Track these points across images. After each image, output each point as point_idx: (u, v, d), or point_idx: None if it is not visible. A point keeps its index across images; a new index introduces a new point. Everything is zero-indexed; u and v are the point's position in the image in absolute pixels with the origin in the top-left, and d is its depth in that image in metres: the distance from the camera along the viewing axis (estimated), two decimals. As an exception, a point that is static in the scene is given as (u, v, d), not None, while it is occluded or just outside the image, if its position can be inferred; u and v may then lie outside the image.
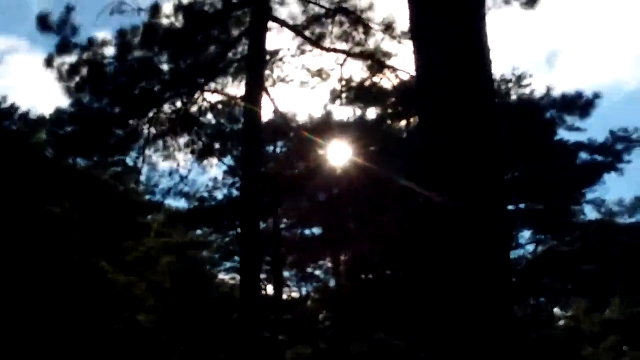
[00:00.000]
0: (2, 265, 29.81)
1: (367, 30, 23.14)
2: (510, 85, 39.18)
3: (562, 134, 39.68)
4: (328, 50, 23.84)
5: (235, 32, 23.33)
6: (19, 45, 74.85)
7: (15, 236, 30.90)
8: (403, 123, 35.74)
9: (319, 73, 25.50)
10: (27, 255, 30.73)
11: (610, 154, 40.62)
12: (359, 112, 35.57)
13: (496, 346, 7.78)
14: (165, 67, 23.71)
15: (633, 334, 41.59)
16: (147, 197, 41.27)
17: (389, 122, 36.39)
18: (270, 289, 41.59)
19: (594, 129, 60.23)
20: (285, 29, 23.29)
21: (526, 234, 42.33)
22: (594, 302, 44.13)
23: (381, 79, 26.01)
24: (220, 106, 26.81)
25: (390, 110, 35.28)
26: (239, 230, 33.38)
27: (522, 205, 39.69)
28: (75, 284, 31.35)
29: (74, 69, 22.91)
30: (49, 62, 22.84)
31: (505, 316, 7.97)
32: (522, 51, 68.52)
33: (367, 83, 27.86)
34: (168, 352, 38.12)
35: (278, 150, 39.86)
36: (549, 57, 76.77)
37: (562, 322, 47.87)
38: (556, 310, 48.49)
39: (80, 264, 32.15)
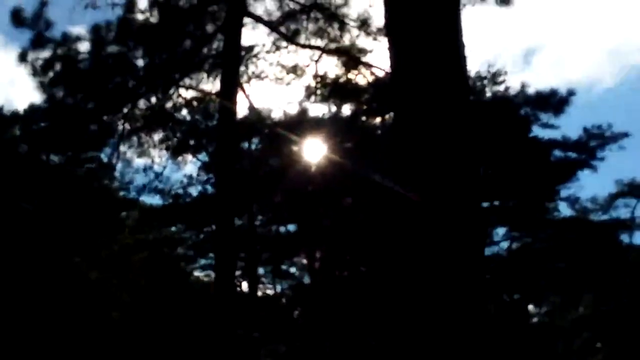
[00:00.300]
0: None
1: (342, 27, 23.18)
2: (485, 82, 39.33)
3: (536, 131, 39.88)
4: (303, 46, 23.87)
5: (210, 28, 23.30)
6: None
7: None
8: (378, 119, 35.83)
9: (294, 69, 25.57)
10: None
11: (584, 151, 40.85)
12: (333, 109, 35.61)
13: (469, 343, 7.83)
14: (139, 63, 23.68)
15: (606, 331, 41.93)
16: (121, 193, 41.20)
17: (364, 118, 36.47)
18: (244, 286, 41.56)
19: (570, 126, 60.47)
20: (261, 25, 23.31)
21: (500, 231, 42.50)
22: (567, 299, 44.42)
23: (356, 75, 26.16)
24: (195, 102, 26.84)
25: (365, 107, 35.36)
26: (214, 226, 33.33)
27: (496, 202, 39.83)
28: (49, 281, 31.25)
29: (47, 64, 22.82)
30: (22, 57, 22.75)
31: (478, 313, 8.02)
32: (499, 49, 68.93)
33: (342, 79, 28.03)
34: (142, 348, 38.04)
35: (253, 146, 39.82)
36: (526, 55, 77.19)
37: (535, 319, 48.16)
38: (530, 307, 48.76)
39: (54, 260, 32.04)
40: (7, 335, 29.77)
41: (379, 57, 24.02)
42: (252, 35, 24.22)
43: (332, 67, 26.23)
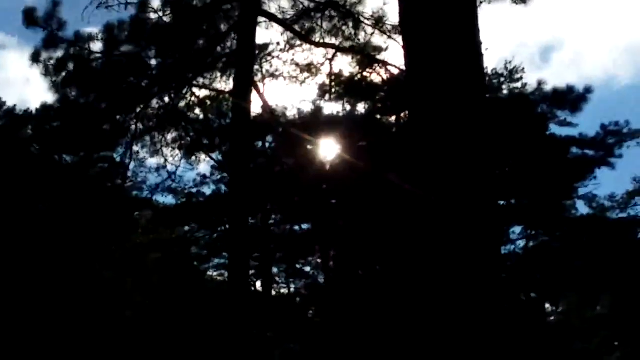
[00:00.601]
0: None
1: (357, 25, 23.17)
2: (502, 79, 39.29)
3: (553, 129, 39.78)
4: (317, 44, 23.89)
5: (224, 27, 23.33)
6: (8, 42, 75.48)
7: (1, 233, 30.89)
8: (393, 118, 35.78)
9: (308, 67, 25.62)
10: (13, 252, 30.71)
11: (602, 148, 40.71)
12: (348, 107, 35.59)
13: (486, 342, 7.83)
14: (152, 62, 23.71)
15: (624, 330, 41.79)
16: (135, 193, 41.30)
17: (379, 116, 36.43)
18: (258, 285, 41.62)
19: (588, 123, 60.32)
20: (275, 24, 23.30)
21: (517, 230, 42.43)
22: (585, 298, 44.29)
23: (371, 73, 26.16)
24: (208, 101, 26.84)
25: (379, 105, 35.32)
26: (228, 226, 33.35)
27: (512, 200, 39.74)
28: (63, 281, 31.34)
29: (60, 64, 22.86)
30: (35, 57, 22.79)
31: (495, 312, 8.03)
32: (517, 46, 68.84)
33: (357, 77, 27.97)
34: (155, 347, 38.13)
35: (267, 145, 39.89)
36: (543, 52, 77.01)
37: (553, 318, 48.05)
38: (547, 305, 48.67)
39: (68, 260, 32.13)
40: (19, 335, 29.89)
41: (394, 55, 24.06)
42: (266, 33, 24.36)
43: (346, 65, 26.30)
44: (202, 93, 25.85)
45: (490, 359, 7.83)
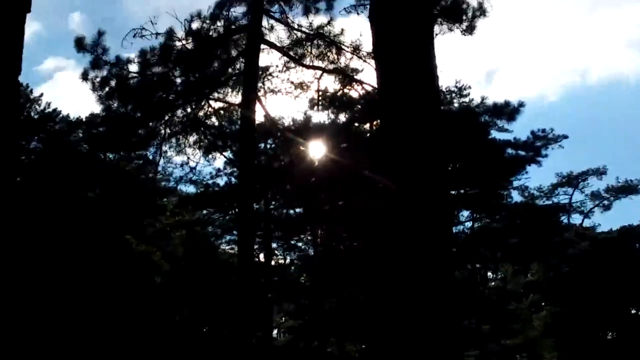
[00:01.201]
0: (47, 241, 29.67)
1: (339, 51, 23.09)
2: (453, 95, 39.45)
3: (494, 134, 40.03)
4: (308, 66, 23.78)
5: (234, 52, 23.24)
6: (67, 64, 77.46)
7: (57, 217, 30.81)
8: (367, 126, 35.73)
9: (301, 85, 25.49)
10: (67, 231, 30.66)
11: (531, 149, 41.01)
12: (332, 117, 35.53)
13: (439, 302, 7.87)
14: (177, 80, 23.60)
15: (550, 293, 42.00)
16: (163, 183, 41.32)
17: (356, 124, 36.37)
18: (261, 257, 41.58)
19: (524, 131, 60.82)
20: (274, 50, 23.24)
21: (465, 214, 42.55)
22: (518, 268, 44.46)
23: (350, 90, 26.02)
24: (221, 111, 26.70)
25: (357, 115, 35.25)
26: (237, 210, 33.29)
27: (461, 191, 39.83)
28: (105, 254, 31.31)
29: (104, 81, 22.74)
30: (84, 76, 22.68)
31: (447, 278, 8.07)
32: (466, 69, 69.50)
33: (339, 93, 27.86)
34: (179, 307, 38.14)
35: (268, 146, 39.81)
36: (488, 74, 77.76)
37: (493, 283, 48.16)
38: (488, 274, 48.80)
39: (109, 237, 32.12)
40: (66, 297, 29.86)
41: (368, 75, 24.00)
42: (268, 57, 24.15)
43: (331, 83, 26.16)
44: (217, 105, 25.71)
45: (442, 316, 7.88)
